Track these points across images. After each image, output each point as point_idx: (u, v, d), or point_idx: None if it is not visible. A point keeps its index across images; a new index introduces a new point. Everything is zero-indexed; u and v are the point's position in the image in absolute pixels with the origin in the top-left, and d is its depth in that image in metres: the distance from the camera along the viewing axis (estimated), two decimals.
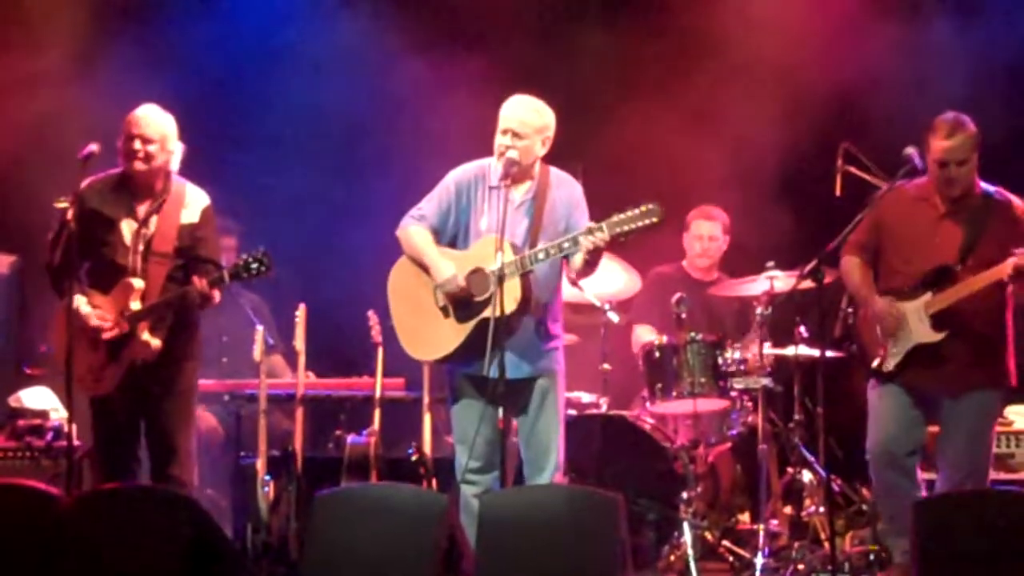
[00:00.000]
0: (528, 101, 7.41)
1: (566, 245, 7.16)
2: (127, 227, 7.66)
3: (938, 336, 7.43)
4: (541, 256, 7.19)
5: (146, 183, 7.69)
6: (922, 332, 7.46)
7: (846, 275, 7.80)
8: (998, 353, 7.54)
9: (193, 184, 7.82)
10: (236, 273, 7.52)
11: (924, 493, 7.67)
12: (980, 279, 7.36)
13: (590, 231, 7.08)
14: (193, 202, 7.75)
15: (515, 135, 7.33)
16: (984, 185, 7.59)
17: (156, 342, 7.55)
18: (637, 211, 7.03)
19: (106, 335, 7.54)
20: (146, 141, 7.62)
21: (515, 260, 7.15)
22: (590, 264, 7.26)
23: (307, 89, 10.34)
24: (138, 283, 7.55)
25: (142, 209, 7.68)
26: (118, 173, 7.75)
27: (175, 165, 7.74)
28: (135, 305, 7.53)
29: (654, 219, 7.01)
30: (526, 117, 7.37)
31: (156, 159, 7.65)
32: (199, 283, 7.52)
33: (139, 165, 7.63)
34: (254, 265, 7.49)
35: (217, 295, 7.67)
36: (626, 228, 7.03)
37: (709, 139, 9.90)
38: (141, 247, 7.63)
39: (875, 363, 7.66)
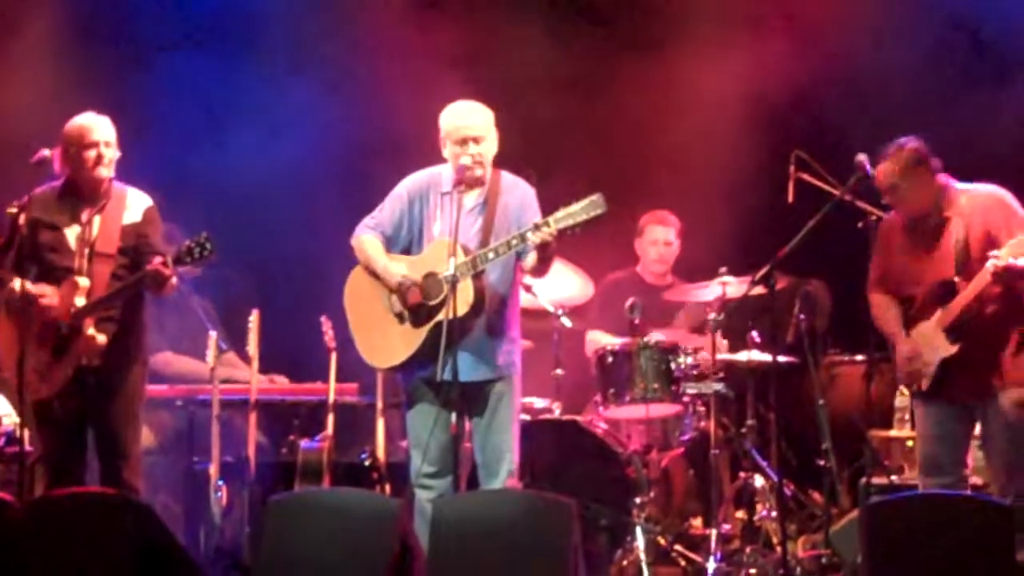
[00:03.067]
0: (469, 104, 7.47)
1: (514, 243, 7.18)
2: (71, 232, 7.64)
3: (954, 348, 7.43)
4: (491, 256, 7.21)
5: (93, 189, 7.67)
6: (942, 347, 7.46)
7: (875, 315, 7.79)
8: (1019, 353, 7.51)
9: (135, 189, 7.80)
10: (179, 258, 7.46)
11: None
12: (972, 288, 7.36)
13: (536, 227, 7.10)
14: (134, 204, 7.73)
15: (475, 141, 7.37)
16: (963, 186, 7.56)
17: (101, 338, 7.51)
18: (581, 204, 7.05)
19: (44, 300, 7.49)
20: (108, 145, 7.63)
21: (466, 261, 7.18)
22: (542, 261, 7.29)
23: (265, 91, 10.34)
24: (83, 281, 7.52)
25: (85, 214, 7.66)
26: (60, 184, 7.74)
27: (112, 171, 7.71)
28: (80, 302, 7.51)
29: (599, 211, 7.03)
30: (477, 120, 7.42)
31: (113, 163, 7.66)
32: (155, 264, 7.46)
33: (103, 171, 7.63)
34: (196, 249, 7.44)
35: (174, 280, 7.60)
36: (572, 221, 7.05)
37: (661, 142, 9.92)
38: (86, 250, 7.61)
39: (914, 388, 7.66)
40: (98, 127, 7.65)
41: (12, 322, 7.57)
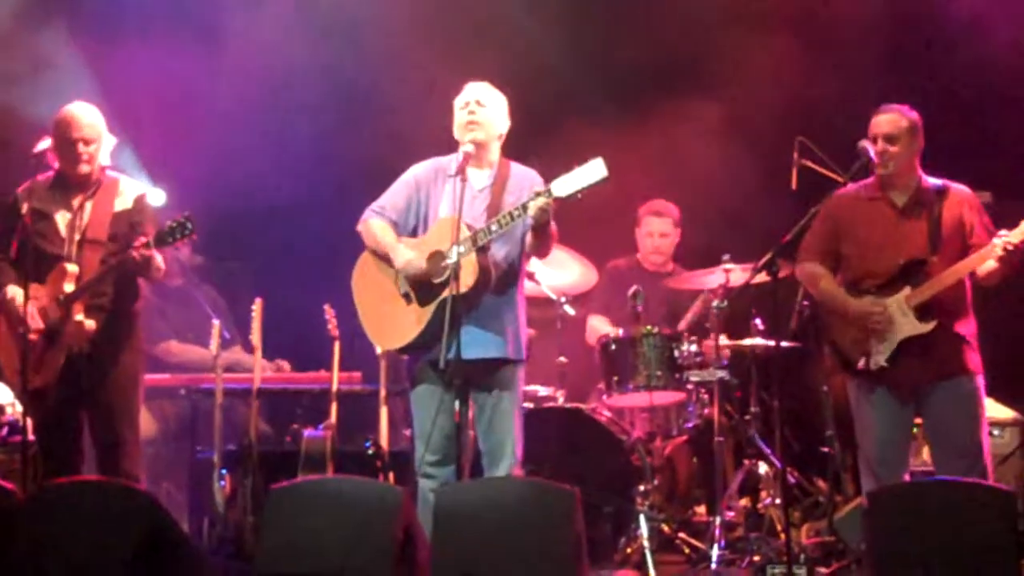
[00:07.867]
0: (484, 84, 7.51)
1: (516, 213, 7.15)
2: (62, 219, 7.67)
3: (928, 327, 7.40)
4: (494, 228, 7.18)
5: (84, 179, 7.69)
6: (909, 325, 7.44)
7: (810, 282, 7.79)
8: (974, 340, 7.54)
9: (128, 177, 7.85)
10: (161, 239, 7.46)
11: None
12: (966, 264, 7.39)
13: (537, 195, 7.07)
14: (127, 191, 7.77)
15: (478, 103, 7.41)
16: (932, 180, 7.62)
17: (90, 323, 7.53)
18: (582, 168, 7.00)
19: (32, 334, 7.51)
20: (87, 143, 7.66)
21: (467, 237, 7.16)
22: (540, 235, 7.24)
23: (268, 80, 10.31)
24: (72, 267, 7.56)
25: (76, 201, 7.70)
26: (53, 174, 7.78)
27: (107, 158, 7.76)
28: (69, 288, 7.53)
29: (601, 174, 6.98)
30: (486, 91, 7.48)
31: (97, 158, 7.70)
32: (136, 247, 7.46)
33: (84, 168, 7.68)
34: (178, 229, 7.42)
35: (160, 260, 7.61)
36: (573, 187, 7.00)
37: (665, 134, 9.91)
38: (76, 236, 7.63)
39: (860, 364, 7.60)
40: (82, 123, 7.66)
41: (6, 312, 7.59)
